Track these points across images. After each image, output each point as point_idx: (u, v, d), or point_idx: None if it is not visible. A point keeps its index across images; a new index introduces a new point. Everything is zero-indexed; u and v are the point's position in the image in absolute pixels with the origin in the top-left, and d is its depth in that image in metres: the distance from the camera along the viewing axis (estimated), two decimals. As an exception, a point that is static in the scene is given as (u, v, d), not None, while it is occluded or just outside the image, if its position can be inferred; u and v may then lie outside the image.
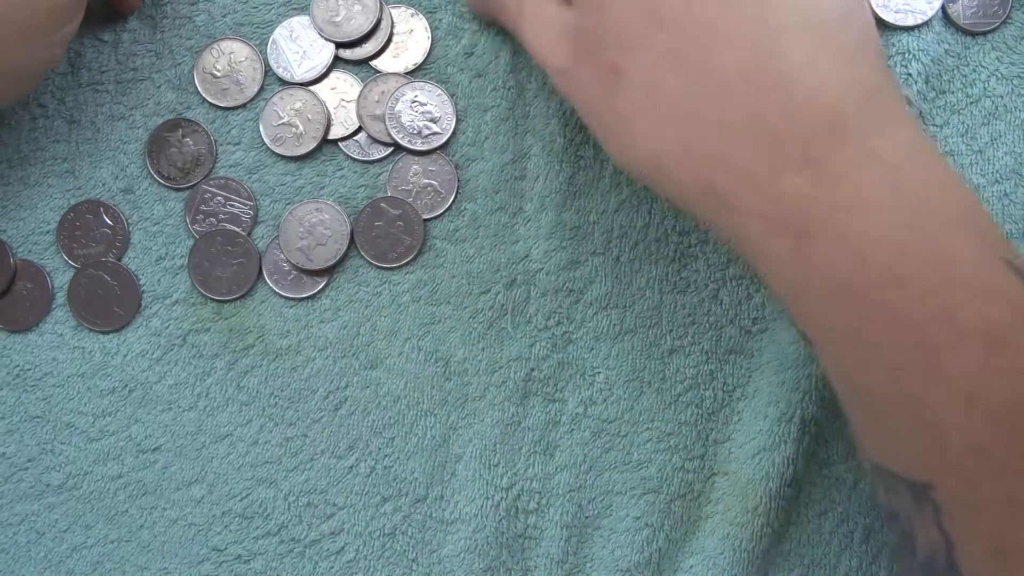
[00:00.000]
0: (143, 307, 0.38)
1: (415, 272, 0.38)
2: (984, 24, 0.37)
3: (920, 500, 0.26)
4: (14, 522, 0.37)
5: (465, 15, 0.38)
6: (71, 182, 0.38)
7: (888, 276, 0.25)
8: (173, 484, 0.37)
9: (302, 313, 0.38)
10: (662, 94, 0.27)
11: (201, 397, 0.37)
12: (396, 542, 0.37)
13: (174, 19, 0.38)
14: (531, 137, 0.38)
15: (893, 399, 0.26)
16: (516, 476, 0.37)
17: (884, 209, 0.25)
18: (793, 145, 0.26)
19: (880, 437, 0.28)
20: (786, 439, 0.36)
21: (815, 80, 0.26)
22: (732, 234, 0.28)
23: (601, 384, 0.37)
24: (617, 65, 0.28)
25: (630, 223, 0.38)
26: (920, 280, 0.25)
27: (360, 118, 0.38)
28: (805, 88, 0.26)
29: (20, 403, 0.38)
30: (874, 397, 0.27)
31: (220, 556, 0.37)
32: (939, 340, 0.25)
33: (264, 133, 0.38)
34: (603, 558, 0.37)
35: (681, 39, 0.27)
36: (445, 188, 0.38)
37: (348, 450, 0.37)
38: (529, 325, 0.37)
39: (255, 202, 0.38)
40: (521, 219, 0.38)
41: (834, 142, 0.25)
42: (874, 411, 0.27)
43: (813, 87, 0.26)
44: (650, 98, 0.27)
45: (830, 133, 0.26)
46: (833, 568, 0.37)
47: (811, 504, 0.37)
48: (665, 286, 0.38)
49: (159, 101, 0.38)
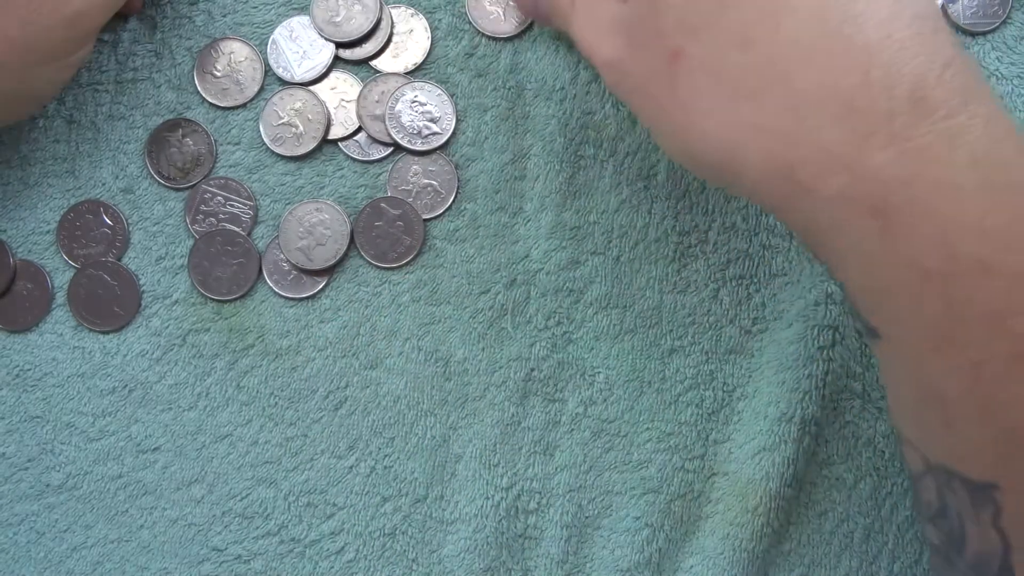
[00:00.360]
0: (143, 307, 0.38)
1: (415, 272, 0.38)
2: (984, 24, 0.37)
3: (979, 500, 0.26)
4: (14, 522, 0.37)
5: (465, 15, 0.38)
6: (71, 182, 0.38)
7: (974, 263, 0.24)
8: (173, 484, 0.37)
9: (302, 313, 0.38)
10: (730, 75, 0.26)
11: (201, 397, 0.37)
12: (396, 542, 0.37)
13: (174, 19, 0.38)
14: (531, 137, 0.38)
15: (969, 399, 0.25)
16: (516, 476, 0.37)
17: (971, 190, 0.24)
18: (876, 120, 0.24)
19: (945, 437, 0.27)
20: (786, 439, 0.36)
21: (892, 51, 0.24)
22: (809, 222, 0.26)
23: (601, 384, 0.37)
24: (679, 50, 0.26)
25: (630, 223, 0.38)
26: (1006, 269, 0.23)
27: (360, 118, 0.38)
28: (883, 60, 0.24)
29: (20, 403, 0.38)
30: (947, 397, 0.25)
31: (220, 556, 0.37)
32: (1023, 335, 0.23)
33: (264, 133, 0.38)
34: (603, 558, 0.37)
35: (747, 15, 0.25)
36: (445, 188, 0.38)
37: (348, 450, 0.37)
38: (529, 325, 0.37)
39: (255, 202, 0.38)
40: (521, 219, 0.38)
41: (918, 118, 0.24)
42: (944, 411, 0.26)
43: (891, 59, 0.24)
44: (717, 80, 0.26)
45: (912, 108, 0.24)
46: (833, 568, 0.37)
47: (811, 504, 0.37)
48: (665, 286, 0.38)
49: (159, 101, 0.38)
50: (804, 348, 0.36)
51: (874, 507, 0.37)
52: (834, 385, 0.37)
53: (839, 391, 0.37)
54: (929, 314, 0.25)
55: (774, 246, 0.38)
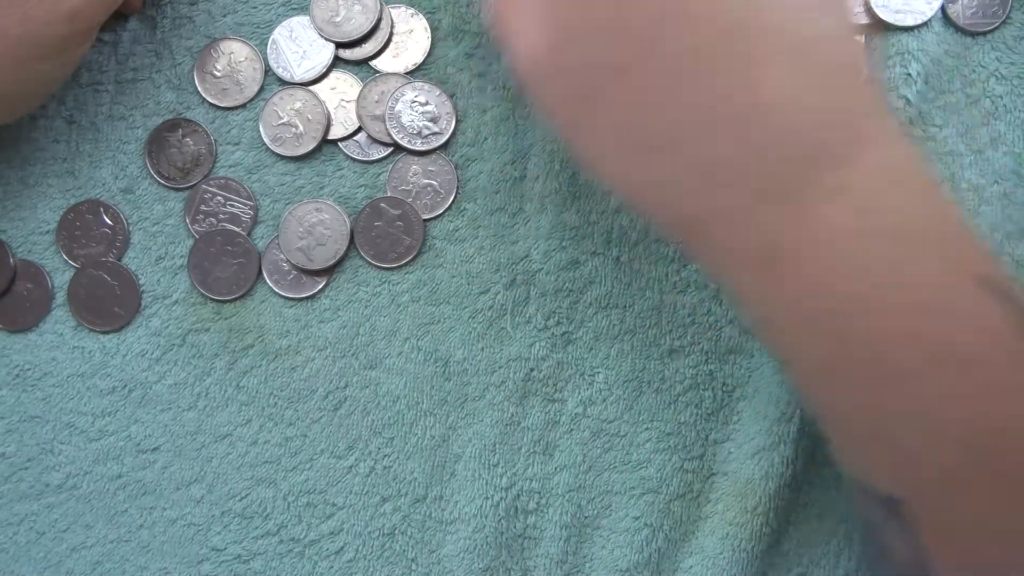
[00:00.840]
0: (143, 307, 0.38)
1: (415, 272, 0.38)
2: (984, 24, 0.37)
3: (894, 514, 0.27)
4: (14, 522, 0.37)
5: (465, 15, 0.38)
6: (71, 182, 0.38)
7: (855, 304, 0.25)
8: (173, 484, 0.37)
9: (302, 313, 0.38)
10: (640, 130, 0.27)
11: (201, 397, 0.37)
12: (395, 542, 0.37)
13: (174, 19, 0.38)
14: (531, 137, 0.38)
15: (865, 421, 0.27)
16: (516, 476, 0.37)
17: (852, 238, 0.25)
18: (767, 180, 0.25)
19: (855, 454, 0.29)
20: (785, 439, 0.36)
21: (790, 111, 0.25)
22: (709, 265, 0.29)
23: (601, 384, 0.37)
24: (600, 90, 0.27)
25: (630, 223, 0.38)
26: (886, 307, 0.25)
27: (360, 118, 0.38)
28: (779, 120, 0.25)
29: (20, 403, 0.38)
30: (847, 419, 0.28)
31: (220, 556, 0.37)
32: (907, 365, 0.25)
33: (264, 133, 0.38)
34: (602, 558, 0.37)
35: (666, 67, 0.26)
36: (445, 188, 0.38)
37: (347, 450, 0.37)
38: (529, 325, 0.37)
39: (255, 202, 0.38)
40: (521, 219, 0.38)
41: (807, 174, 0.25)
42: (848, 432, 0.28)
43: (788, 119, 0.25)
44: (626, 134, 0.27)
45: (803, 165, 0.25)
46: (832, 568, 0.37)
47: (810, 504, 0.37)
48: (665, 286, 0.38)
49: (159, 101, 0.38)
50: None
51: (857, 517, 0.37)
52: (834, 385, 0.37)
53: (839, 391, 0.37)
54: (819, 351, 0.27)
55: (774, 246, 0.38)
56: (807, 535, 0.37)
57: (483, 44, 0.38)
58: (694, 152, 0.26)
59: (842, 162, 0.25)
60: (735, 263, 0.27)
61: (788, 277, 0.26)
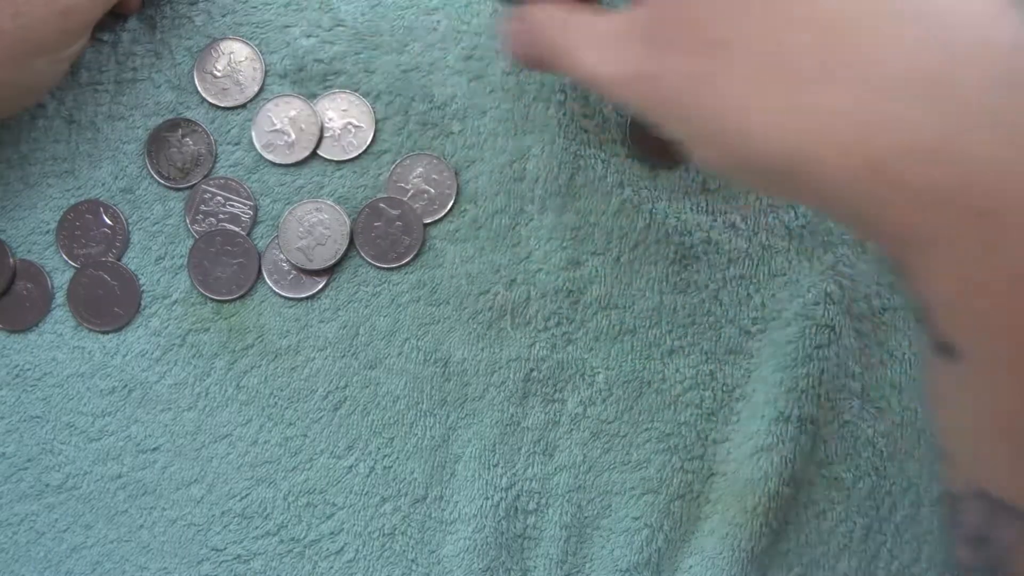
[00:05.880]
0: (143, 307, 0.38)
1: (415, 272, 0.38)
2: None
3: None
4: (14, 522, 0.37)
5: (464, 16, 0.38)
6: (71, 182, 0.38)
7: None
8: (173, 484, 0.37)
9: (302, 313, 0.38)
10: (787, 58, 0.22)
11: (201, 397, 0.37)
12: (395, 542, 0.37)
13: (174, 19, 0.38)
14: (531, 138, 0.38)
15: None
16: (515, 476, 0.37)
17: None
18: (975, 97, 0.20)
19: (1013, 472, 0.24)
20: (784, 439, 0.36)
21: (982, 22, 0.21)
22: (896, 226, 0.22)
23: (601, 384, 0.37)
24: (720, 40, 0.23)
25: (630, 224, 0.38)
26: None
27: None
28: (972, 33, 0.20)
29: (20, 403, 0.38)
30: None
31: (220, 556, 0.37)
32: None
33: (256, 138, 0.38)
34: (602, 558, 0.37)
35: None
36: (445, 190, 0.38)
37: (347, 450, 0.37)
38: (529, 326, 0.37)
39: (255, 202, 0.38)
40: (521, 220, 0.38)
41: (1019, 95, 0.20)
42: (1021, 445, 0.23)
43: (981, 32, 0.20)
44: (772, 67, 0.22)
45: (1010, 84, 0.20)
46: (832, 568, 0.37)
47: (809, 504, 0.37)
48: (665, 286, 0.38)
49: (159, 101, 0.38)
50: (801, 347, 0.36)
51: (872, 507, 0.37)
52: (832, 384, 0.37)
53: (837, 391, 0.37)
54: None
55: (774, 246, 0.38)
56: (806, 535, 0.37)
57: (481, 45, 0.38)
58: (873, 65, 0.21)
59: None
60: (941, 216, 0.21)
61: (1012, 236, 0.20)
